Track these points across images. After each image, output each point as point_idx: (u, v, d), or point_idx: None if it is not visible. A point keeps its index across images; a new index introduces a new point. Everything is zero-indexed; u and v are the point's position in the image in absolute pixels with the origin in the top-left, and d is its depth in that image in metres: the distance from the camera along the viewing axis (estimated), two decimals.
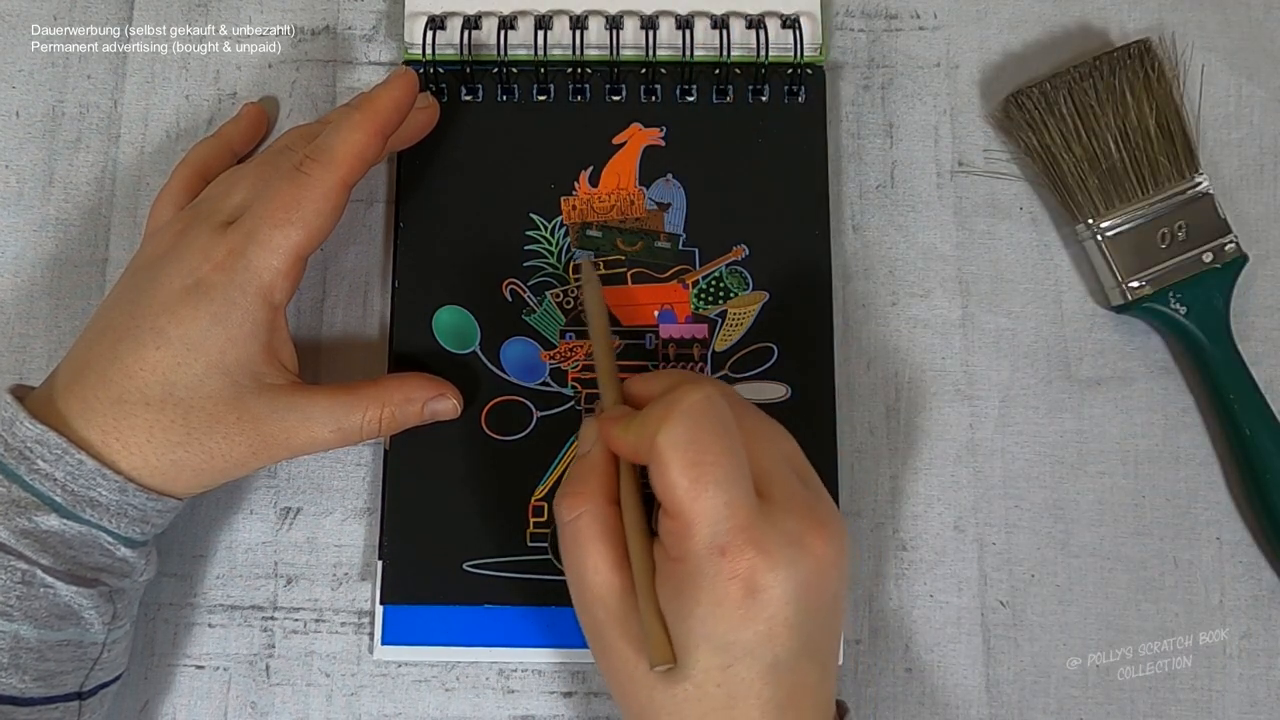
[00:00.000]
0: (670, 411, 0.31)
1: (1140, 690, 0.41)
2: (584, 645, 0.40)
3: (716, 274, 0.42)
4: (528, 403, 0.41)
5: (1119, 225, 0.42)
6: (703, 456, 0.31)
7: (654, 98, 0.44)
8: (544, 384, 0.42)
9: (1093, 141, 0.42)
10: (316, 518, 0.42)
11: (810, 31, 0.44)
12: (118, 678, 0.37)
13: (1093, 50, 0.44)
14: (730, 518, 0.30)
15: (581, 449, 0.36)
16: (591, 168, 0.43)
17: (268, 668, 0.41)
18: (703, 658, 0.31)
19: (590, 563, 0.33)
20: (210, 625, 0.41)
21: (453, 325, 0.42)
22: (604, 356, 0.37)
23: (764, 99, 0.44)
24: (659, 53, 0.43)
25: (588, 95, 0.44)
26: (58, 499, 0.33)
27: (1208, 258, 0.42)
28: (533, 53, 0.43)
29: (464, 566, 0.40)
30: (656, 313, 0.42)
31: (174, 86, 0.45)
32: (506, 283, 0.42)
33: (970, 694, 0.41)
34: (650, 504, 0.34)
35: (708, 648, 0.31)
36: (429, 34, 0.43)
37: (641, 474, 0.34)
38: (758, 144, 0.43)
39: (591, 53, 0.43)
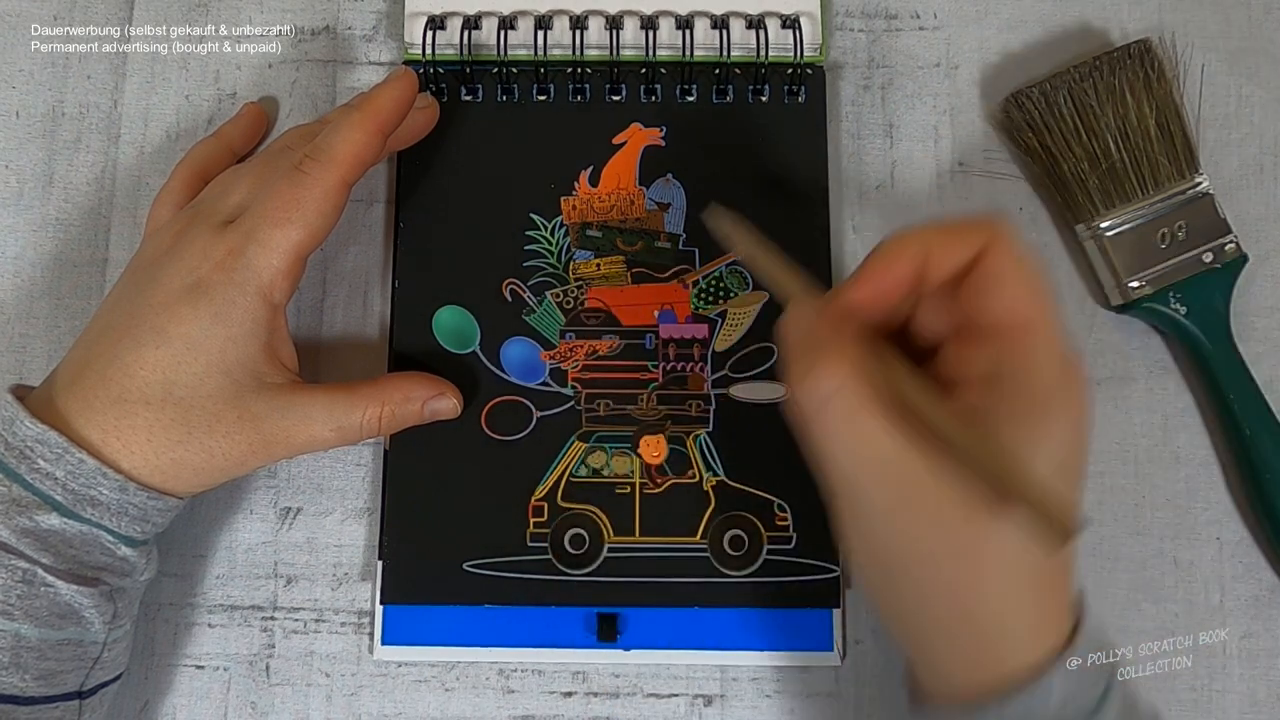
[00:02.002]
0: (995, 228, 0.30)
1: (1140, 690, 0.41)
2: (584, 645, 0.40)
3: (716, 274, 0.42)
4: (528, 403, 0.41)
5: (1119, 225, 0.42)
6: (1038, 270, 0.30)
7: (654, 98, 0.44)
8: (544, 384, 0.42)
9: (1093, 141, 0.42)
10: (316, 518, 0.42)
11: (810, 31, 0.44)
12: (118, 677, 0.37)
13: (1093, 50, 0.44)
14: (1065, 333, 0.30)
15: (796, 334, 0.32)
16: (591, 168, 0.43)
17: (268, 668, 0.41)
18: (1053, 483, 0.28)
19: (872, 432, 0.29)
20: (210, 625, 0.41)
21: (453, 325, 0.42)
22: (781, 269, 0.34)
23: (764, 99, 0.44)
24: (659, 53, 0.43)
25: (588, 95, 0.44)
26: (58, 498, 0.33)
27: (1208, 258, 0.42)
28: (533, 53, 0.43)
29: (464, 566, 0.40)
30: (656, 313, 0.42)
31: (174, 86, 0.45)
32: (506, 283, 0.42)
33: None
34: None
35: (1062, 471, 0.29)
36: (429, 34, 0.43)
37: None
38: (758, 144, 0.43)
39: (591, 53, 0.43)
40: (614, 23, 0.43)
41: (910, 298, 0.31)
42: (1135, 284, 0.42)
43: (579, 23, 0.43)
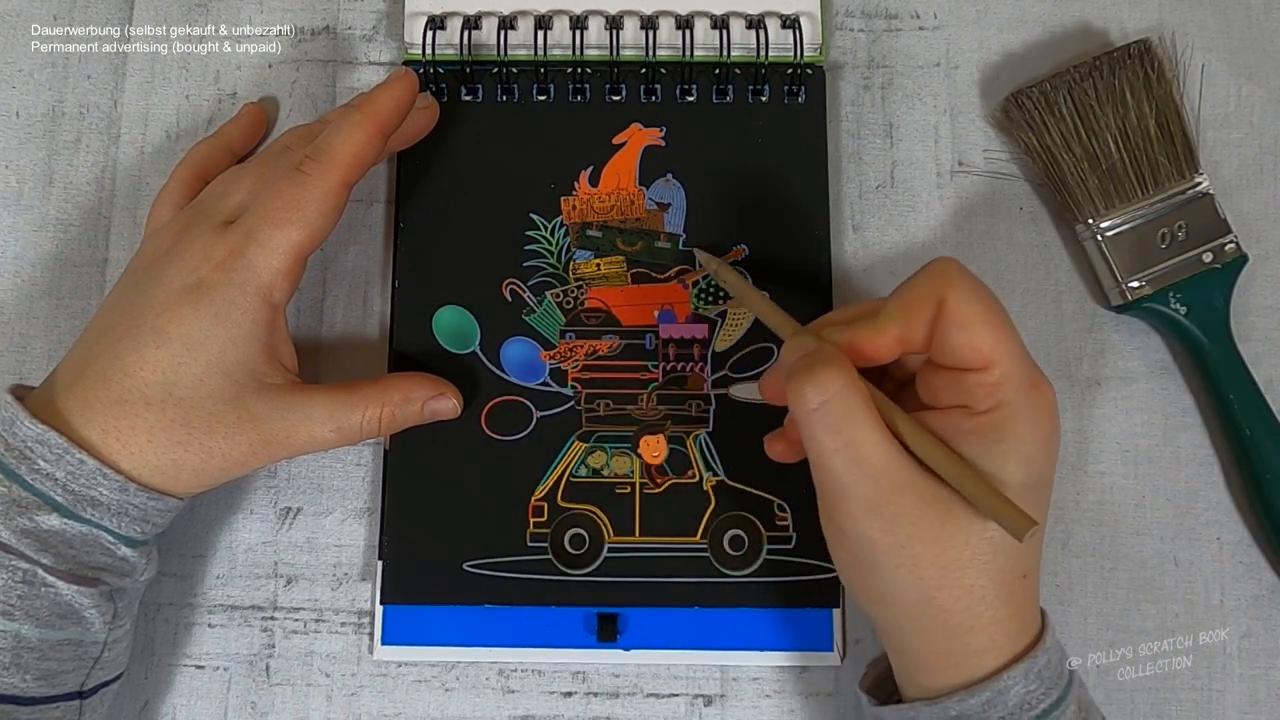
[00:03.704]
0: (947, 276, 0.32)
1: (1140, 690, 0.41)
2: (584, 645, 0.40)
3: None
4: (528, 403, 0.41)
5: (1119, 225, 0.42)
6: (993, 303, 0.32)
7: (654, 98, 0.44)
8: (544, 384, 0.42)
9: (1093, 141, 0.42)
10: (316, 518, 0.42)
11: (810, 31, 0.44)
12: (118, 677, 0.37)
13: (1093, 50, 0.44)
14: (1026, 355, 0.33)
15: (792, 356, 0.34)
16: (591, 168, 0.43)
17: (268, 668, 0.41)
18: (1023, 497, 0.31)
19: (865, 435, 0.31)
20: (210, 625, 0.41)
21: (453, 325, 0.42)
22: (774, 312, 0.37)
23: (764, 99, 0.44)
24: (659, 53, 0.43)
25: (588, 95, 0.44)
26: (58, 499, 0.33)
27: (1208, 258, 0.42)
28: (533, 53, 0.43)
29: (464, 566, 0.40)
30: (656, 313, 0.42)
31: (174, 86, 0.45)
32: (506, 283, 0.42)
33: None
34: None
35: (1029, 487, 0.32)
36: (429, 34, 0.43)
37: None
38: (758, 144, 0.43)
39: (591, 53, 0.43)
40: (614, 23, 0.43)
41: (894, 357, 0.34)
42: (1135, 284, 0.42)
43: (579, 23, 0.43)
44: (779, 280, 0.42)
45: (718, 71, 0.43)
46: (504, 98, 0.44)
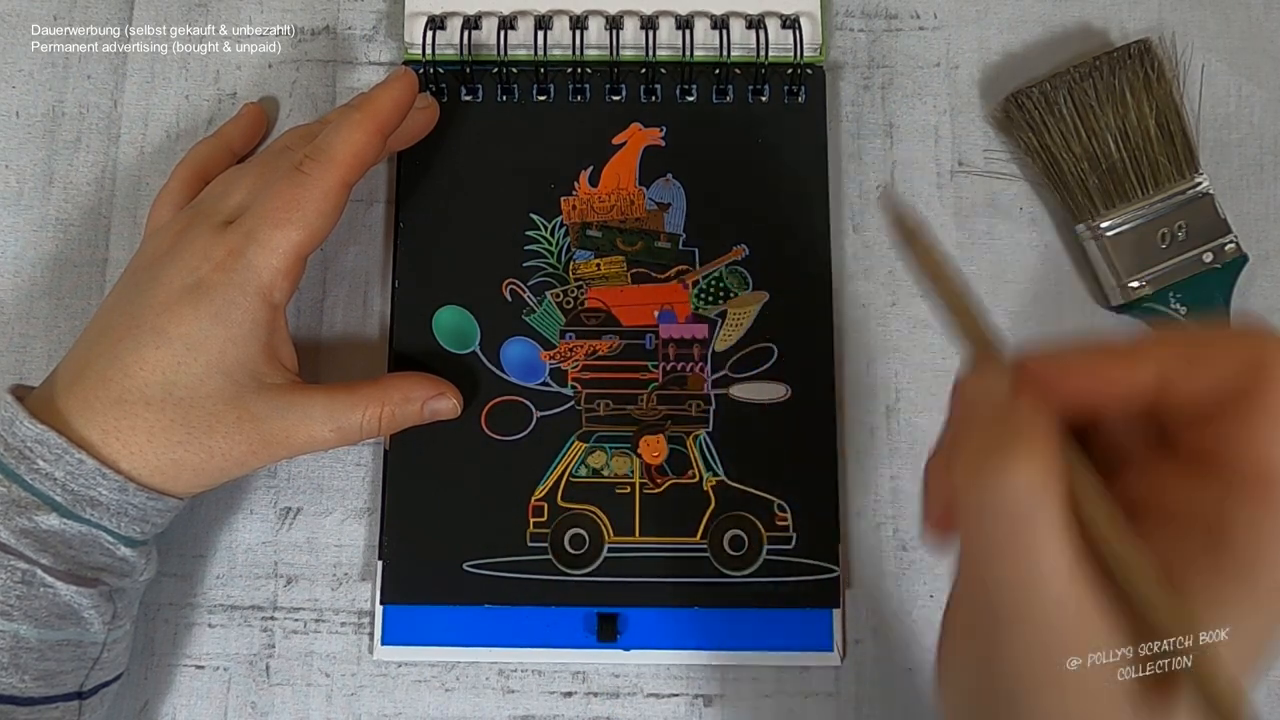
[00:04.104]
0: (1269, 342, 0.23)
1: None
2: (584, 645, 0.40)
3: (716, 274, 0.42)
4: (528, 403, 0.41)
5: (1119, 225, 0.42)
6: None
7: (654, 98, 0.44)
8: (544, 384, 0.42)
9: (1093, 141, 0.42)
10: (316, 518, 0.42)
11: (810, 32, 0.44)
12: (118, 677, 0.37)
13: (1093, 50, 0.44)
14: None
15: (983, 400, 0.25)
16: (591, 168, 0.43)
17: (268, 668, 0.41)
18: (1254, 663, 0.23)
19: (1053, 555, 0.22)
20: (210, 625, 0.41)
21: (453, 325, 0.42)
22: (969, 310, 0.27)
23: (764, 99, 0.44)
24: (659, 53, 0.43)
25: (588, 95, 0.44)
26: (58, 499, 0.33)
27: (1208, 258, 0.42)
28: (533, 53, 0.43)
29: (464, 566, 0.40)
30: (656, 313, 0.42)
31: (174, 86, 0.45)
32: (506, 283, 0.42)
33: None
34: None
35: (1252, 652, 0.23)
36: (429, 34, 0.43)
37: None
38: (758, 144, 0.43)
39: (591, 53, 0.43)
40: (614, 23, 0.43)
41: (1130, 406, 0.25)
42: (1135, 284, 0.42)
43: (579, 23, 0.43)
44: (779, 280, 0.42)
45: (718, 71, 0.43)
46: (504, 98, 0.44)
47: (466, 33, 0.43)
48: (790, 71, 0.43)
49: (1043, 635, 0.23)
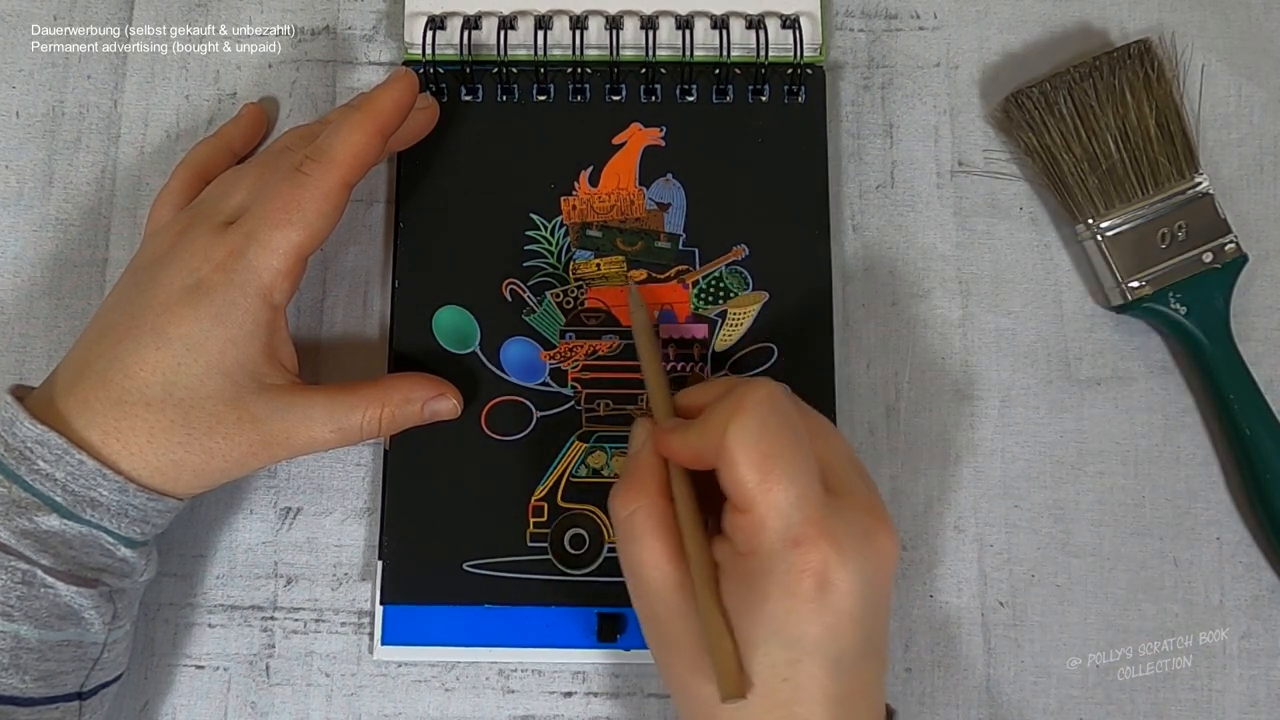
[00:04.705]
0: (738, 408, 0.31)
1: (1140, 690, 0.41)
2: (584, 645, 0.40)
3: (716, 274, 0.42)
4: (528, 403, 0.41)
5: (1119, 225, 0.42)
6: (773, 449, 0.31)
7: (654, 98, 0.44)
8: (544, 384, 0.42)
9: (1093, 141, 0.42)
10: (316, 518, 0.42)
11: (810, 31, 0.44)
12: (118, 678, 0.37)
13: (1093, 50, 0.44)
14: (802, 509, 0.30)
15: (632, 449, 0.36)
16: (591, 168, 0.43)
17: (268, 668, 0.41)
18: (771, 652, 0.30)
19: (648, 558, 0.33)
20: (210, 625, 0.41)
21: (453, 325, 0.42)
22: (655, 374, 0.38)
23: (764, 99, 0.44)
24: (659, 53, 0.43)
25: (588, 95, 0.44)
26: (58, 499, 0.33)
27: (1208, 258, 0.42)
28: (533, 53, 0.43)
29: (464, 566, 0.40)
30: (656, 313, 0.42)
31: (174, 86, 0.45)
32: (506, 283, 0.42)
33: (970, 694, 0.41)
34: (706, 505, 0.34)
35: (776, 643, 0.30)
36: (429, 34, 0.43)
37: (696, 476, 0.34)
38: (758, 144, 0.43)
39: (591, 53, 0.43)
40: (614, 23, 0.43)
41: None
42: (1135, 284, 0.42)
43: (579, 23, 0.43)
44: (779, 280, 0.42)
45: (718, 71, 0.43)
46: (504, 98, 0.44)
47: (466, 33, 0.43)
48: (790, 71, 0.43)
49: (657, 612, 0.33)
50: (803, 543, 0.30)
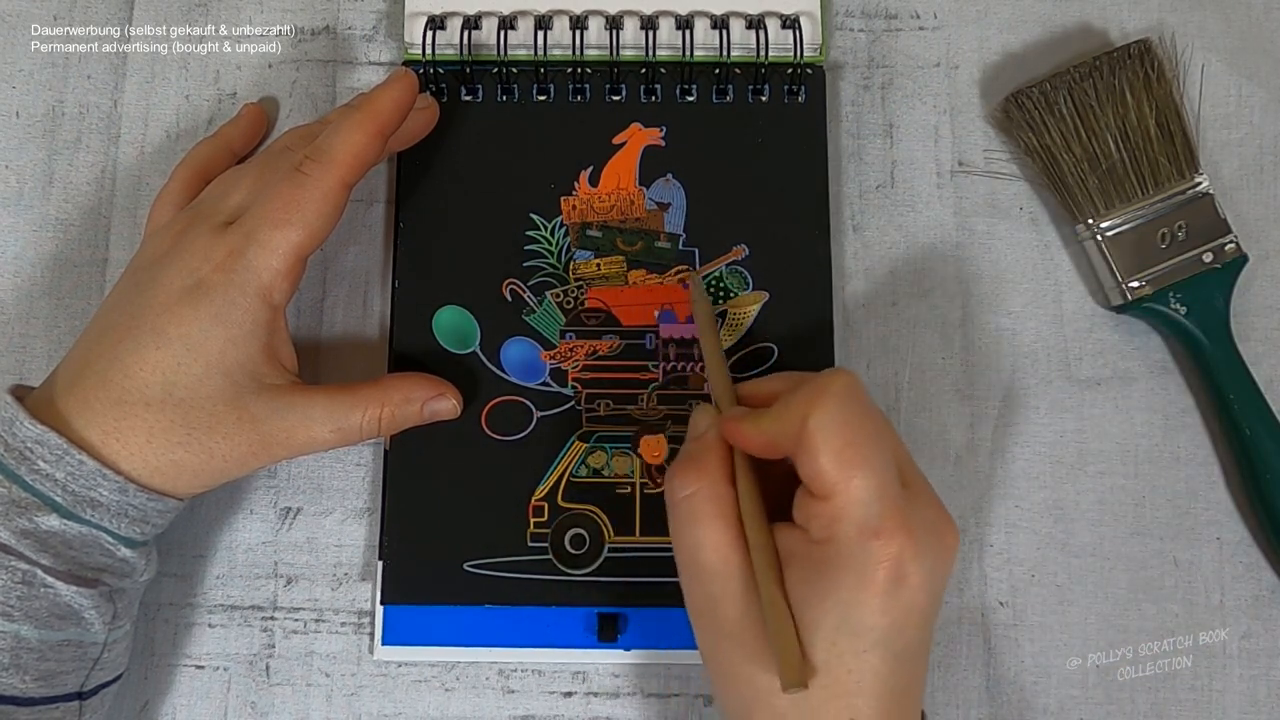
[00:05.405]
0: (820, 396, 0.31)
1: (1140, 690, 0.41)
2: (584, 645, 0.40)
3: (716, 274, 0.42)
4: (528, 403, 0.41)
5: (1119, 225, 0.42)
6: (855, 439, 0.31)
7: (654, 98, 0.44)
8: (544, 384, 0.42)
9: (1093, 141, 0.42)
10: (316, 518, 0.42)
11: (810, 31, 0.44)
12: (118, 678, 0.37)
13: (1093, 50, 0.44)
14: (882, 500, 0.30)
15: (693, 432, 0.36)
16: (591, 168, 0.43)
17: (268, 668, 0.41)
18: (838, 642, 0.30)
19: (709, 540, 0.32)
20: (210, 625, 0.41)
21: (453, 325, 0.42)
22: (718, 364, 0.38)
23: (764, 99, 0.44)
24: (659, 53, 0.43)
25: (588, 95, 0.44)
26: (58, 499, 0.33)
27: (1208, 258, 0.42)
28: (533, 53, 0.43)
29: (464, 566, 0.40)
30: (656, 313, 0.42)
31: (174, 86, 0.45)
32: (506, 283, 0.42)
33: (970, 694, 0.41)
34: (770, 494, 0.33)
35: (844, 632, 0.30)
36: (429, 34, 0.43)
37: (759, 464, 0.34)
38: (758, 144, 0.43)
39: (591, 53, 0.43)
40: (614, 23, 0.43)
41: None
42: (1135, 284, 0.42)
43: (579, 23, 0.43)
44: (779, 280, 0.42)
45: (718, 71, 0.43)
46: (504, 98, 0.44)
47: (466, 33, 0.43)
48: (790, 71, 0.43)
49: (712, 594, 0.32)
50: (882, 534, 0.30)
